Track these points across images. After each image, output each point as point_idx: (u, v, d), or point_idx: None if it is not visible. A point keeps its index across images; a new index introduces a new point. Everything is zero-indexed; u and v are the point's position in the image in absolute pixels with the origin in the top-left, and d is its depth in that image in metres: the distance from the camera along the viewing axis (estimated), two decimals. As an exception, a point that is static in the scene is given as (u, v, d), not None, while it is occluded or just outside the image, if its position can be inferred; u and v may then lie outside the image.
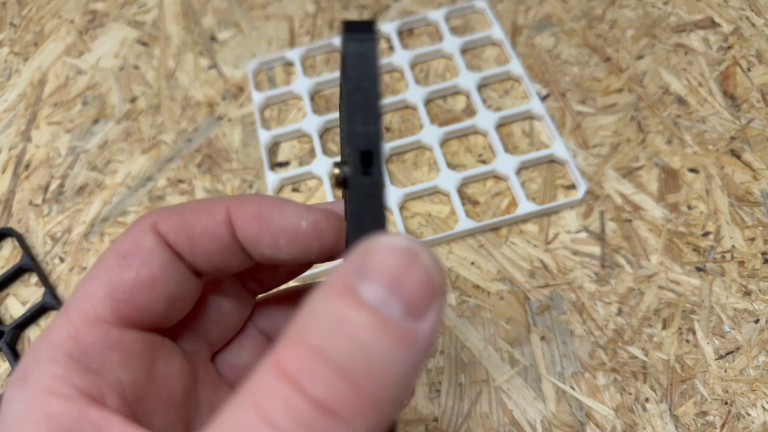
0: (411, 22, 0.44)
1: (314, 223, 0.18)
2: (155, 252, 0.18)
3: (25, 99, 0.45)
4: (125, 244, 0.18)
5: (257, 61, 0.44)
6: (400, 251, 0.13)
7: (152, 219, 0.18)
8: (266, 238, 0.18)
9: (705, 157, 0.36)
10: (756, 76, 0.39)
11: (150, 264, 0.18)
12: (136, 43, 0.47)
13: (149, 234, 0.18)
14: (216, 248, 0.18)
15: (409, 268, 0.12)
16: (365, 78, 0.13)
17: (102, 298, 0.17)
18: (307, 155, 0.40)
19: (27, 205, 0.40)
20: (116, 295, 0.17)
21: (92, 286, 0.17)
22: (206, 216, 0.18)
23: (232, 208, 0.18)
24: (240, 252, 0.19)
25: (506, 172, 0.36)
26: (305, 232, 0.18)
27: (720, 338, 0.31)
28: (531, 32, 0.43)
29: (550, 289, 0.33)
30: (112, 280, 0.17)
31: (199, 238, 0.18)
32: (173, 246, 0.18)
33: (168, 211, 0.19)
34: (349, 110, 0.13)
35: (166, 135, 0.42)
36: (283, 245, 0.18)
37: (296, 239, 0.18)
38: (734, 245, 0.33)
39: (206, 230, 0.18)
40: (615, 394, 0.30)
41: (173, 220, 0.18)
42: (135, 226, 0.18)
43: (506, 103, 0.40)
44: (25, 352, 0.17)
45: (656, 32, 0.41)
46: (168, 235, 0.18)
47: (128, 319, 0.17)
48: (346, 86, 0.13)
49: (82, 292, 0.17)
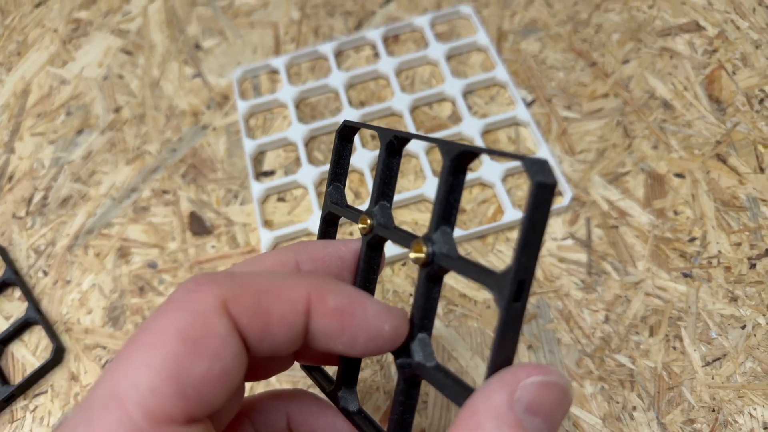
0: (396, 29, 0.44)
1: (396, 328, 0.18)
2: (228, 342, 0.16)
3: (8, 110, 0.45)
4: (195, 326, 0.15)
5: (242, 69, 0.43)
6: (557, 389, 0.16)
7: (222, 294, 0.16)
8: (345, 336, 0.18)
9: (691, 161, 0.36)
10: (741, 79, 0.38)
11: (224, 356, 0.15)
12: (120, 52, 0.46)
13: (222, 318, 0.16)
14: (287, 338, 0.17)
15: (561, 404, 0.16)
16: (541, 221, 0.15)
17: (171, 394, 0.15)
18: (293, 164, 0.39)
19: (10, 218, 0.40)
20: (187, 391, 0.15)
21: (156, 377, 0.15)
22: (285, 303, 0.17)
23: (313, 297, 0.17)
24: (302, 340, 0.18)
25: (492, 179, 0.36)
26: (385, 335, 0.18)
27: (707, 345, 0.31)
28: (516, 37, 0.43)
29: (537, 297, 0.33)
30: (181, 373, 0.15)
31: (274, 327, 0.17)
32: (244, 332, 0.16)
33: (238, 285, 0.17)
34: (521, 243, 0.15)
35: (150, 145, 0.41)
36: (360, 344, 0.18)
37: (374, 340, 0.18)
38: (720, 250, 0.33)
39: (283, 319, 0.17)
40: (602, 403, 0.30)
41: (248, 302, 0.16)
42: (199, 299, 0.16)
43: (492, 109, 0.40)
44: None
45: (642, 36, 0.41)
46: (241, 319, 0.16)
47: (193, 416, 0.15)
48: (525, 221, 0.15)
49: (140, 378, 0.15)
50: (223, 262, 0.36)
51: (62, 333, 0.35)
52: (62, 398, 0.33)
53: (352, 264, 0.22)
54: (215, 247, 0.37)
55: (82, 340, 0.35)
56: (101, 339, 0.35)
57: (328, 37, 0.44)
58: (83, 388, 0.33)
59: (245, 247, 0.36)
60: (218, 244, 0.37)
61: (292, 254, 0.21)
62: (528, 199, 0.15)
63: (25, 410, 0.33)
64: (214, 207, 0.38)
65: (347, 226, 0.36)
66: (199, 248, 0.37)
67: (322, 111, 0.42)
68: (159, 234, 0.38)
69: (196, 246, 0.37)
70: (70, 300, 0.36)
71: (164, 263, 0.37)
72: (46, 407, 0.33)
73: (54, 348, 0.34)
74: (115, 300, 0.36)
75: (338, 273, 0.21)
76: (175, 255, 0.37)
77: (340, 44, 0.43)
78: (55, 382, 0.34)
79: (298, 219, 0.37)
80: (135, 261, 0.37)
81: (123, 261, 0.37)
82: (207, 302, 0.16)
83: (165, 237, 0.37)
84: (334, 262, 0.21)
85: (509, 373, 0.16)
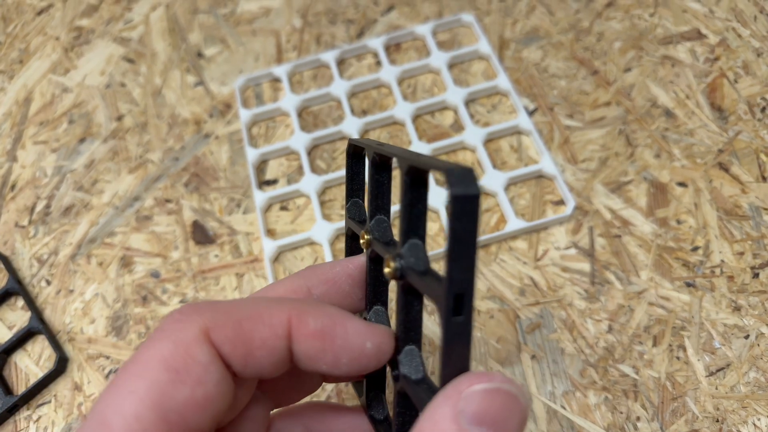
0: (398, 37, 0.44)
1: (378, 345, 0.18)
2: (211, 368, 0.16)
3: (11, 118, 0.45)
4: (176, 355, 0.16)
5: (244, 77, 0.43)
6: (502, 395, 0.15)
7: (204, 323, 0.17)
8: (328, 357, 0.18)
9: (693, 170, 0.36)
10: (743, 87, 0.39)
11: (205, 382, 0.16)
12: (123, 60, 0.47)
13: (204, 346, 0.16)
14: (270, 362, 0.17)
15: (510, 411, 0.15)
16: (466, 231, 0.15)
17: (154, 420, 0.15)
18: (295, 173, 0.40)
19: (13, 227, 0.40)
20: (170, 417, 0.15)
21: (140, 404, 0.15)
22: (266, 328, 0.17)
23: (294, 320, 0.17)
24: (288, 363, 0.18)
25: (495, 188, 0.36)
26: (368, 354, 0.18)
27: (710, 355, 0.31)
28: (518, 45, 0.43)
29: (540, 307, 0.33)
30: (164, 399, 0.15)
31: (256, 352, 0.17)
32: (226, 359, 0.17)
33: (220, 313, 0.17)
34: (449, 257, 0.15)
35: (153, 154, 0.41)
36: (343, 364, 0.18)
37: (358, 359, 0.18)
38: (723, 260, 0.33)
39: (264, 344, 0.17)
40: (606, 413, 0.30)
41: (229, 329, 0.17)
42: (182, 329, 0.16)
43: (494, 118, 0.40)
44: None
45: (643, 44, 0.41)
46: (223, 347, 0.17)
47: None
48: (450, 236, 0.15)
49: (125, 406, 0.15)
50: (226, 271, 0.36)
51: (65, 343, 0.35)
52: (66, 408, 0.33)
53: (362, 280, 0.22)
54: (218, 257, 0.37)
55: (85, 349, 0.35)
56: (104, 349, 0.35)
57: (330, 46, 0.44)
58: (87, 398, 0.33)
59: (248, 257, 0.36)
60: (221, 254, 0.37)
61: (302, 280, 0.21)
62: (449, 212, 0.15)
63: (29, 420, 0.33)
64: (217, 216, 0.38)
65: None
66: (202, 257, 0.37)
67: (325, 119, 0.42)
68: (162, 243, 0.38)
69: (199, 255, 0.37)
70: (73, 309, 0.36)
71: (167, 272, 0.37)
72: (50, 417, 0.33)
73: (57, 358, 0.34)
74: (118, 309, 0.36)
75: (350, 290, 0.22)
76: (178, 264, 0.37)
77: (342, 52, 0.43)
78: (58, 392, 0.34)
79: (301, 228, 0.37)
80: (138, 270, 0.37)
81: (126, 270, 0.37)
82: (189, 331, 0.16)
83: (168, 246, 0.38)
84: (344, 281, 0.21)
85: (452, 385, 0.15)
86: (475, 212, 0.15)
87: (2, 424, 0.33)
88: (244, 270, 0.36)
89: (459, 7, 0.45)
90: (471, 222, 0.15)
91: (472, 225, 0.15)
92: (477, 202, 0.15)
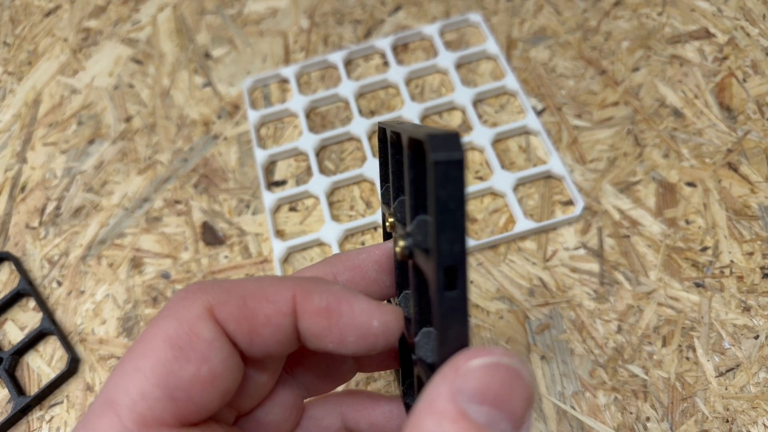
0: (405, 37, 0.44)
1: (385, 323, 0.18)
2: (215, 345, 0.16)
3: (20, 119, 0.45)
4: (180, 333, 0.16)
5: (252, 78, 0.43)
6: (503, 370, 0.14)
7: (207, 301, 0.17)
8: (333, 335, 0.17)
9: (702, 170, 0.36)
10: (752, 87, 0.38)
11: (210, 359, 0.16)
12: (131, 61, 0.47)
13: (208, 323, 0.16)
14: (276, 339, 0.17)
15: (513, 387, 0.14)
16: (452, 199, 0.14)
17: (160, 398, 0.15)
18: (304, 174, 0.40)
19: (23, 228, 0.40)
20: (175, 394, 0.15)
21: (145, 382, 0.15)
22: (270, 305, 0.17)
23: (298, 297, 0.17)
24: (296, 341, 0.18)
25: (503, 188, 0.36)
26: (375, 332, 0.18)
27: (720, 355, 0.31)
28: (526, 45, 0.43)
29: (550, 308, 0.33)
30: (170, 377, 0.15)
31: (261, 329, 0.17)
32: (232, 336, 0.17)
33: (224, 291, 0.17)
34: (435, 228, 0.14)
35: (161, 155, 0.42)
36: (350, 342, 0.18)
37: (365, 338, 0.18)
38: (733, 260, 0.33)
39: (269, 321, 0.17)
40: (616, 414, 0.30)
41: (233, 306, 0.17)
42: (186, 307, 0.16)
43: (502, 118, 0.40)
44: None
45: (651, 43, 0.41)
46: (227, 324, 0.17)
47: (185, 419, 0.16)
48: (433, 205, 0.14)
49: (131, 384, 0.15)
50: (236, 272, 0.36)
51: (77, 343, 0.35)
52: (78, 409, 0.33)
53: (390, 266, 0.21)
54: (228, 258, 0.37)
55: (96, 350, 0.35)
56: (115, 349, 0.35)
57: (338, 46, 0.45)
58: (98, 399, 0.34)
59: (258, 257, 0.37)
60: (231, 255, 0.37)
61: (328, 267, 0.21)
62: (430, 180, 0.14)
63: (42, 421, 0.33)
64: (227, 217, 0.38)
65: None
66: (211, 258, 0.37)
67: (333, 120, 0.42)
68: (172, 244, 0.38)
69: (208, 256, 0.37)
70: (84, 310, 0.36)
71: (177, 273, 0.37)
72: (62, 418, 0.33)
73: (69, 358, 0.34)
74: (128, 310, 0.36)
75: (377, 277, 0.21)
76: (188, 265, 0.37)
77: (349, 53, 0.43)
78: (70, 393, 0.34)
79: (310, 229, 0.37)
80: (148, 271, 0.37)
81: (136, 271, 0.37)
82: (193, 309, 0.16)
83: (178, 247, 0.38)
84: (370, 267, 0.21)
85: (449, 363, 0.14)
86: (461, 178, 0.14)
87: (16, 425, 0.33)
88: (253, 271, 0.36)
89: (466, 7, 0.45)
90: (457, 189, 0.14)
91: (458, 192, 0.14)
92: (462, 166, 0.14)
